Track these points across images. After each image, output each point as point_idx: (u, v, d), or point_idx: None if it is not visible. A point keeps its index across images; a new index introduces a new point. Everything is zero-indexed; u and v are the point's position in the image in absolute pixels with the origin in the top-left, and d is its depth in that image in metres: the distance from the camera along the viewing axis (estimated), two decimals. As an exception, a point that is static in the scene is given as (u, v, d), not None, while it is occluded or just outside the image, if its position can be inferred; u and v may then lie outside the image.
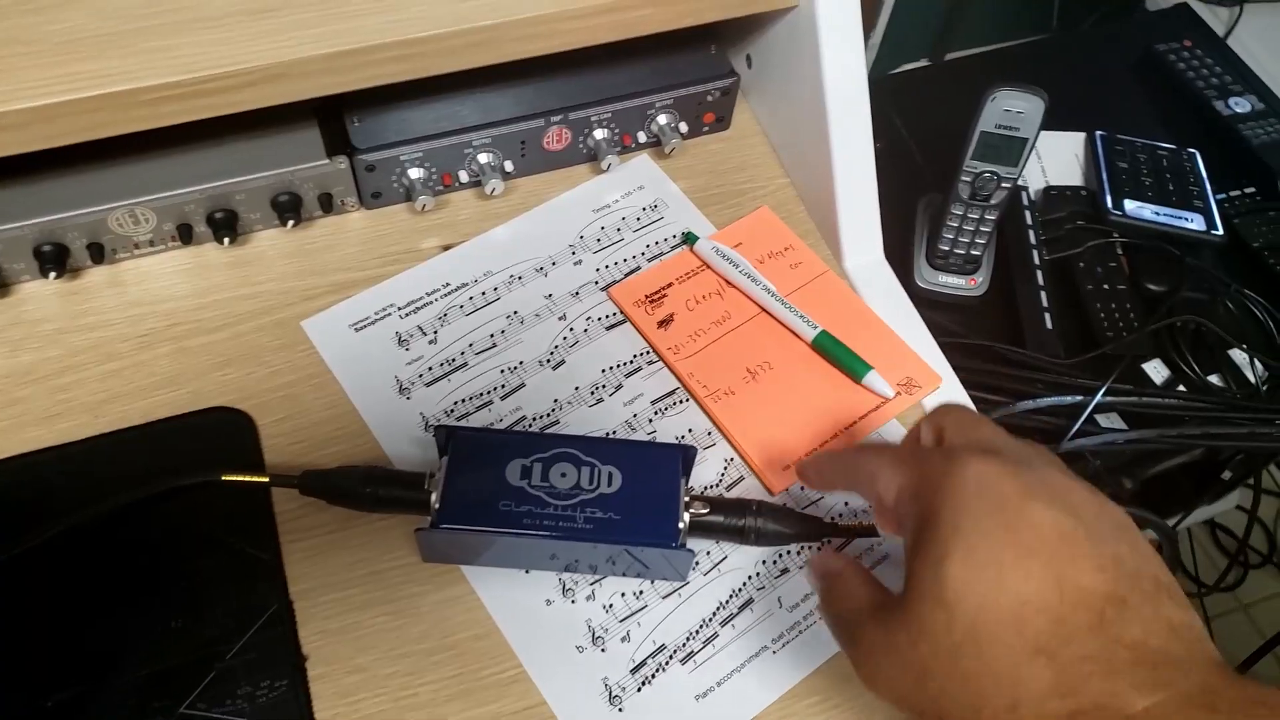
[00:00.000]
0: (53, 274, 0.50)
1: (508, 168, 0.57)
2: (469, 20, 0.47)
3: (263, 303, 0.52)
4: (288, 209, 0.53)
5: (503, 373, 0.50)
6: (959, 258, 0.68)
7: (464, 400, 0.49)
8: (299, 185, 0.53)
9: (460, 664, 0.42)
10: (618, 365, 0.51)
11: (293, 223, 0.54)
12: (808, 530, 0.44)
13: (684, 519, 0.42)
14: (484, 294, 0.53)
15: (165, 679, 0.40)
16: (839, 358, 0.51)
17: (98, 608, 0.42)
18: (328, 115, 0.54)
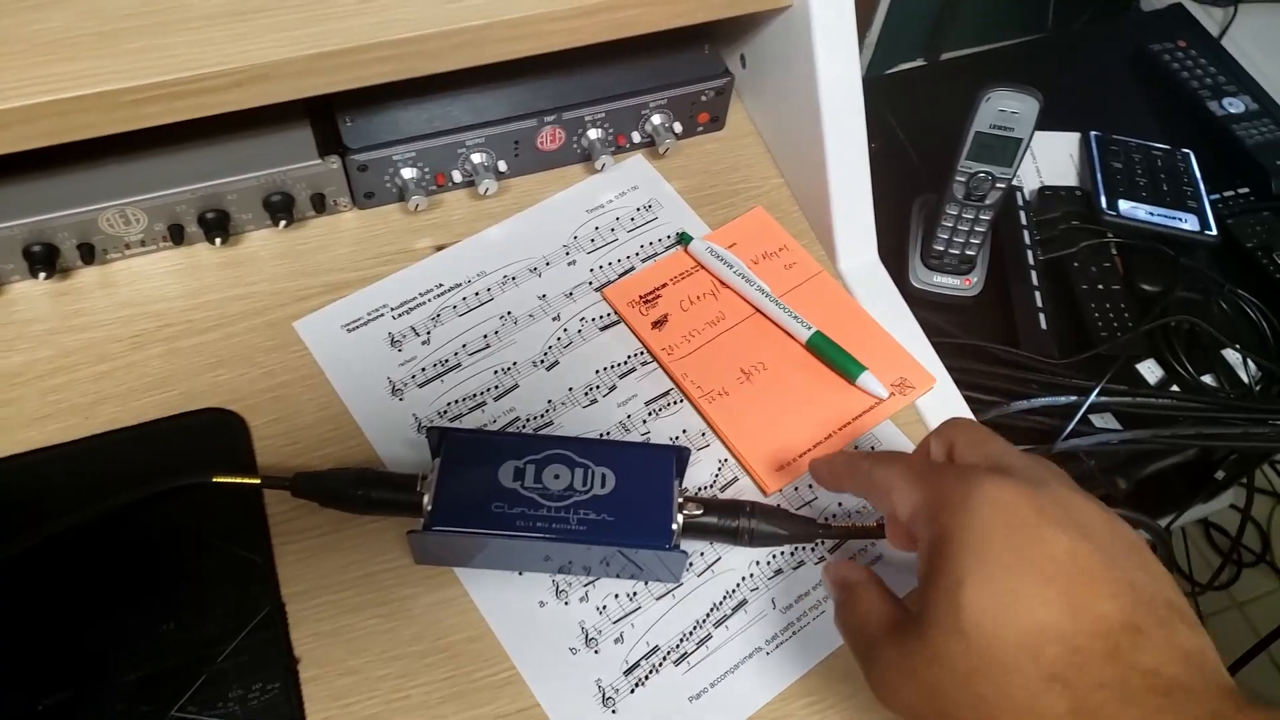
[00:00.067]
0: (43, 274, 0.50)
1: (501, 168, 0.57)
2: (455, 21, 0.47)
3: (255, 303, 0.52)
4: (280, 209, 0.53)
5: (496, 374, 0.50)
6: (954, 258, 0.68)
7: (457, 401, 0.49)
8: (291, 185, 0.53)
9: (453, 666, 0.42)
10: (612, 366, 0.51)
11: (285, 223, 0.53)
12: (801, 531, 0.44)
13: (677, 520, 0.42)
14: (477, 294, 0.53)
15: (156, 682, 0.40)
16: (833, 358, 0.51)
17: (88, 610, 0.42)
18: (320, 115, 0.54)
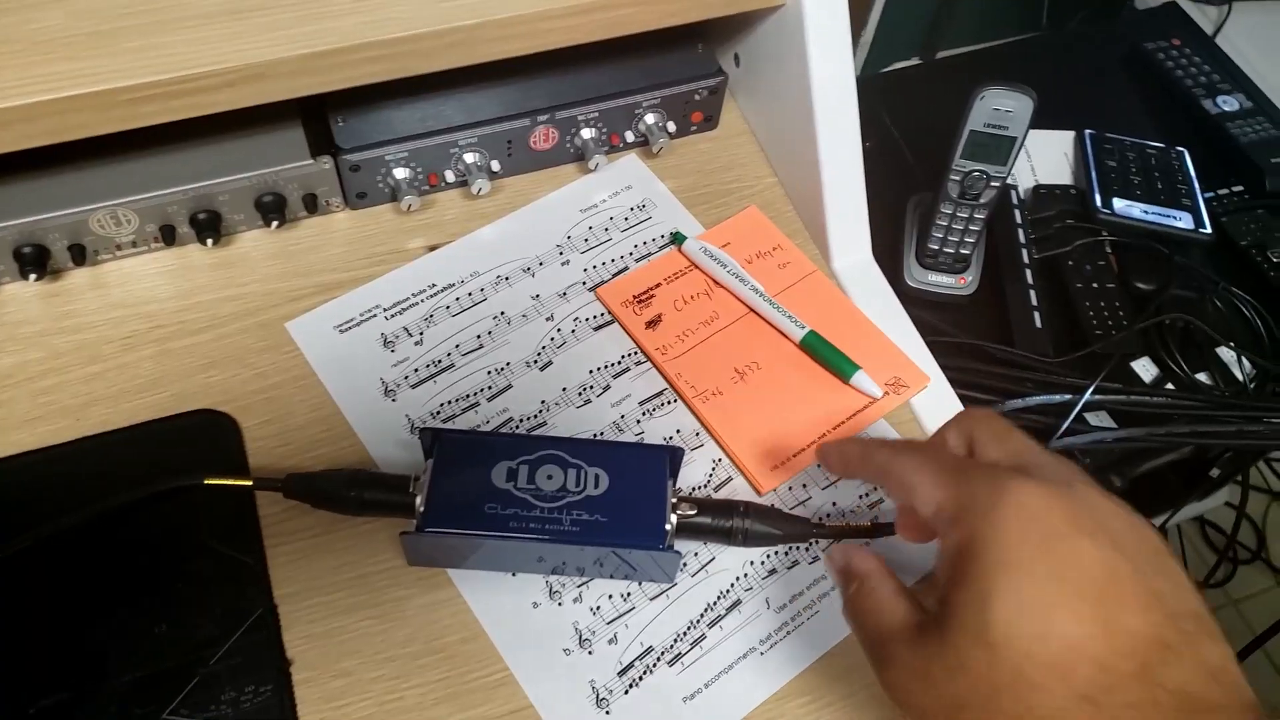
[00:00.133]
0: (33, 276, 0.50)
1: (494, 167, 0.57)
2: (447, 20, 0.47)
3: (247, 304, 0.52)
4: (272, 209, 0.53)
5: (489, 374, 0.50)
6: (948, 256, 0.68)
7: (450, 402, 0.49)
8: (283, 186, 0.52)
9: (446, 667, 0.42)
10: (605, 366, 0.51)
11: (277, 223, 0.53)
12: (795, 531, 0.44)
13: (671, 520, 0.42)
14: (470, 295, 0.53)
15: (149, 684, 0.40)
16: (827, 358, 0.51)
17: (80, 613, 0.42)
18: (312, 115, 0.54)
